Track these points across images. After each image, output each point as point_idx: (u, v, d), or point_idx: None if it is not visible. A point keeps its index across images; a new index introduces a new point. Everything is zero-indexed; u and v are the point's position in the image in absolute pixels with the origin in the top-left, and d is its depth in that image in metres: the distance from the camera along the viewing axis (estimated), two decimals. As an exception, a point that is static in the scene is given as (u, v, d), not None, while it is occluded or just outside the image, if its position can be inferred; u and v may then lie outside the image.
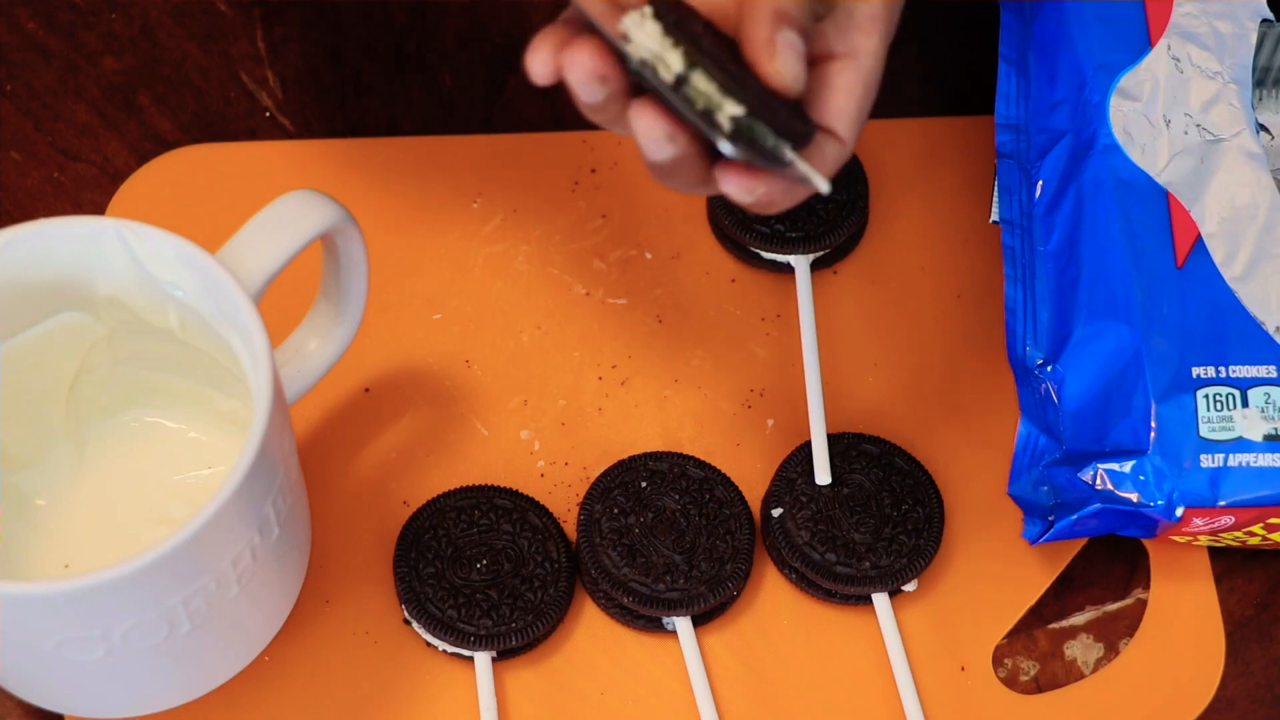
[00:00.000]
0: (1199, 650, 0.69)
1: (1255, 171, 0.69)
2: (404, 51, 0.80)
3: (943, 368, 0.74)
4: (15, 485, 0.66)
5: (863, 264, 0.76)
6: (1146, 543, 0.70)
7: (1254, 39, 0.70)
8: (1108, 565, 0.70)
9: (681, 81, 0.54)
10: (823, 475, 0.69)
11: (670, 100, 0.54)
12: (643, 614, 0.67)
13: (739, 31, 0.57)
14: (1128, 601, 0.70)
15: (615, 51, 0.55)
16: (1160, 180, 0.69)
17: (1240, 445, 0.65)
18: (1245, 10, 0.71)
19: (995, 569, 0.70)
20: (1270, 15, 0.71)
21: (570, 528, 0.69)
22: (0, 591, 0.56)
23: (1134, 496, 0.65)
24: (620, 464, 0.70)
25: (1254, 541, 0.67)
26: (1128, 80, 0.70)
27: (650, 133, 0.56)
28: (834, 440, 0.70)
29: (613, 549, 0.68)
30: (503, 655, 0.67)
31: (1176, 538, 0.67)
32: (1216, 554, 0.70)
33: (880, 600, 0.68)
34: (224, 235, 0.62)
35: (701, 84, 0.54)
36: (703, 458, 0.70)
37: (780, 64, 0.57)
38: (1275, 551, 0.70)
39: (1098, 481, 0.66)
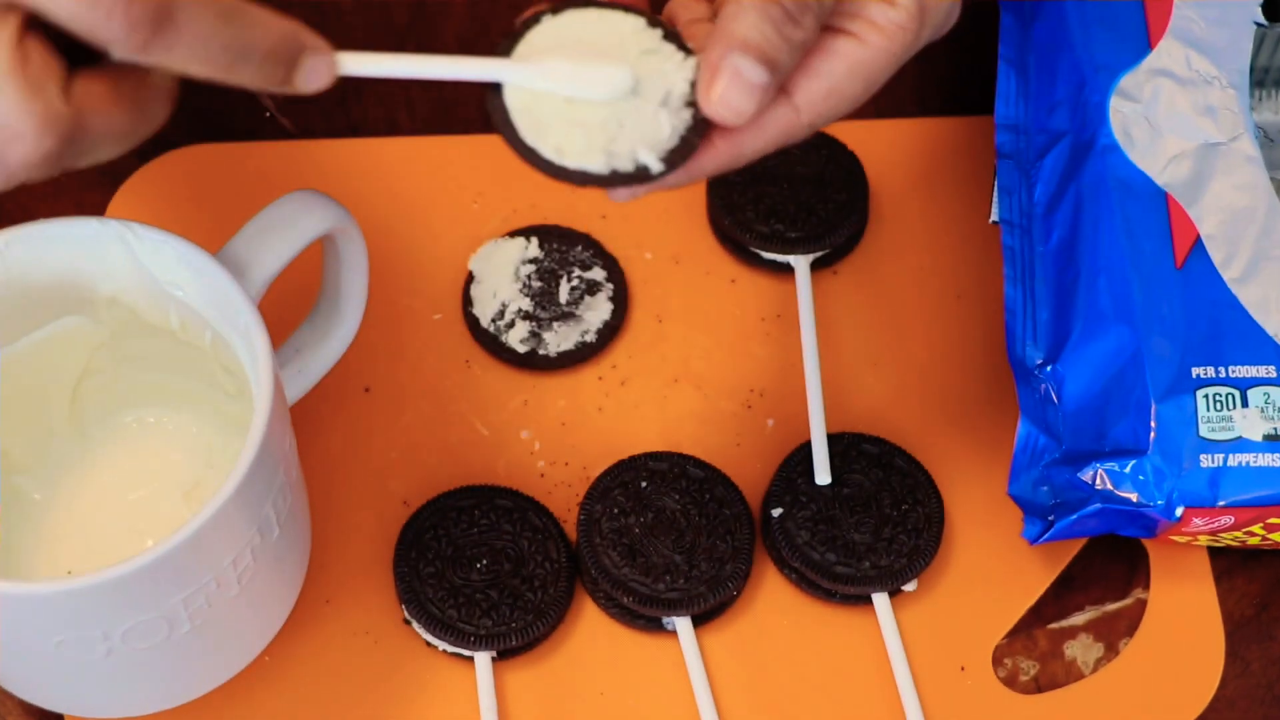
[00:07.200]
0: (1199, 650, 0.69)
1: (1254, 174, 0.69)
2: (404, 52, 0.80)
3: (943, 368, 0.74)
4: (17, 486, 0.67)
5: (863, 264, 0.76)
6: (1146, 543, 0.70)
7: (1251, 43, 0.70)
8: (1107, 565, 0.70)
9: None
10: (823, 475, 0.69)
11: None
12: (643, 614, 0.67)
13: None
14: (1127, 601, 0.70)
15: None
16: (1159, 181, 0.69)
17: (1240, 445, 0.65)
18: (1241, 14, 0.71)
19: (995, 569, 0.70)
20: (1264, 21, 0.71)
21: (570, 528, 0.69)
22: (1, 591, 0.56)
23: (1134, 496, 0.65)
24: (620, 464, 0.70)
25: (1254, 541, 0.67)
26: (1128, 81, 0.70)
27: None
28: (834, 440, 0.70)
29: (613, 549, 0.68)
30: (503, 655, 0.67)
31: (1176, 538, 0.67)
32: (1216, 554, 0.70)
33: (880, 600, 0.68)
34: (224, 235, 0.62)
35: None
36: (703, 458, 0.70)
37: (716, 94, 0.54)
38: (1275, 551, 0.70)
39: (1097, 481, 0.66)
